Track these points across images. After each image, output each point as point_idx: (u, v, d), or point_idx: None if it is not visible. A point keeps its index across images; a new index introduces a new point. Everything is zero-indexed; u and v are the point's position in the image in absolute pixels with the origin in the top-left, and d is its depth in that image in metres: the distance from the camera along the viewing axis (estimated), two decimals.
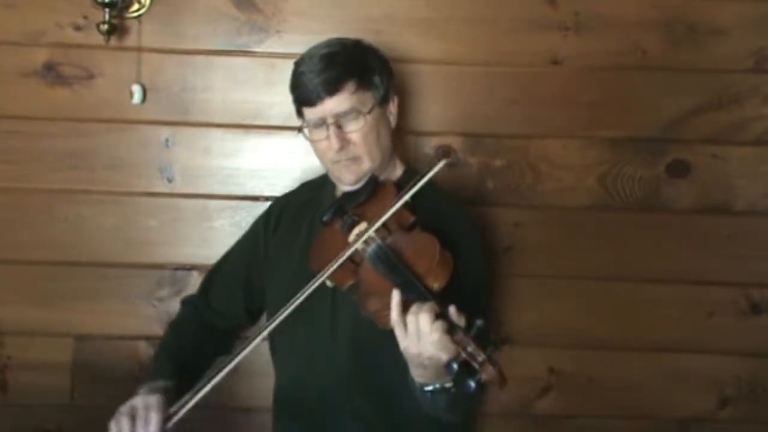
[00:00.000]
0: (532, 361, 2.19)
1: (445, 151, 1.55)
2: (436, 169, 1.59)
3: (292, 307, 1.57)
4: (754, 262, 2.17)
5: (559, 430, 2.22)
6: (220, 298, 1.92)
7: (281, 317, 1.57)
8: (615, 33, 2.11)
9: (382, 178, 1.74)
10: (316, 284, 1.56)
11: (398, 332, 1.42)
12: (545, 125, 2.14)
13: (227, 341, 1.93)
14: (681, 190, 2.16)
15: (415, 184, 1.58)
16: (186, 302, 1.96)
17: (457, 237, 1.62)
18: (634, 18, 2.11)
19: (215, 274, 1.95)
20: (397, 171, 1.81)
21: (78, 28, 2.09)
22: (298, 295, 1.57)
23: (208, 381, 1.57)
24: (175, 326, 1.93)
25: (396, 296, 1.43)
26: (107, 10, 2.00)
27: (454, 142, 2.14)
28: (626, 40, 2.11)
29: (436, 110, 2.14)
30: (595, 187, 2.15)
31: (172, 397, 1.64)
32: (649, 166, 2.15)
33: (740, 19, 2.11)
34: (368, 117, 1.69)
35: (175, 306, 2.13)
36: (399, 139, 2.09)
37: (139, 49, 2.09)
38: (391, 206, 1.56)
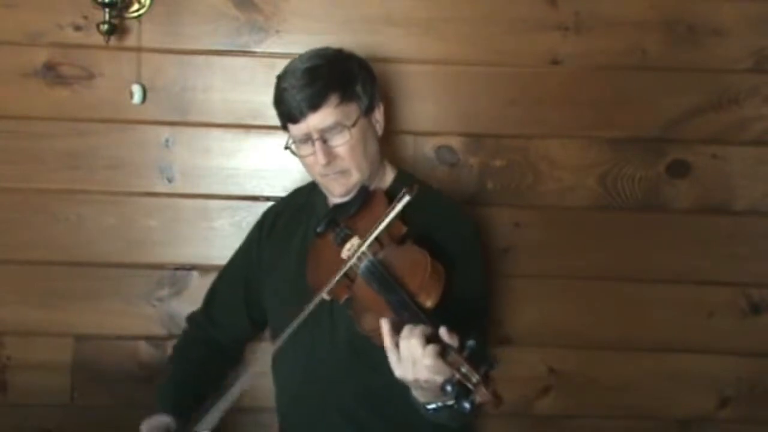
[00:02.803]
0: (532, 361, 2.19)
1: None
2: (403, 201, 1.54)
3: (291, 329, 1.57)
4: (754, 262, 2.17)
5: (559, 430, 2.22)
6: (222, 313, 1.92)
7: (279, 343, 1.57)
8: (615, 33, 2.11)
9: (372, 185, 1.73)
10: (315, 304, 1.56)
11: (392, 358, 1.40)
12: (545, 125, 2.14)
13: (233, 359, 1.93)
14: (681, 190, 2.16)
15: (401, 199, 1.54)
16: (191, 319, 1.96)
17: (455, 244, 1.61)
18: (634, 18, 2.11)
19: (216, 288, 1.95)
20: (388, 177, 1.79)
21: (78, 28, 2.09)
22: (300, 316, 1.56)
23: (212, 408, 1.59)
24: (180, 350, 1.93)
25: (386, 324, 1.40)
26: (107, 10, 2.00)
27: (454, 142, 2.14)
28: (626, 40, 2.11)
29: (436, 110, 2.14)
30: (595, 187, 2.15)
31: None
32: (649, 166, 2.15)
33: (740, 19, 2.11)
34: (353, 130, 1.67)
35: (175, 306, 2.15)
36: (397, 140, 2.09)
37: (139, 49, 2.09)
38: (382, 218, 1.54)
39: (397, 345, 1.38)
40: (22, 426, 2.17)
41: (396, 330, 1.40)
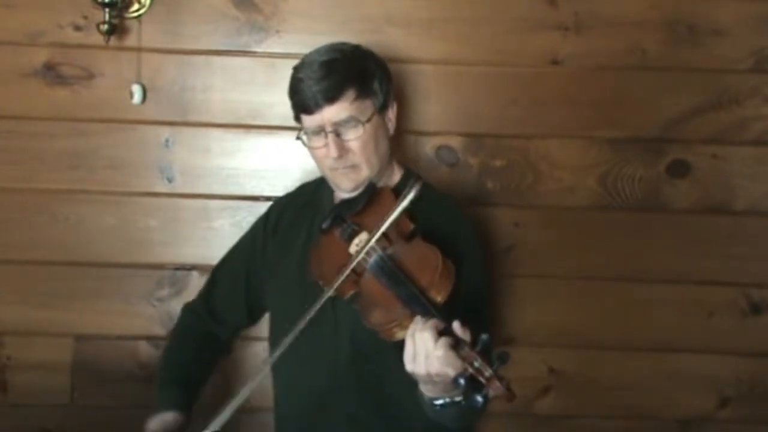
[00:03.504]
0: (532, 361, 2.19)
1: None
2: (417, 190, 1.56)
3: (299, 328, 1.56)
4: (754, 262, 2.17)
5: (559, 430, 2.22)
6: (221, 302, 1.91)
7: (288, 342, 1.57)
8: (615, 33, 2.11)
9: (380, 184, 1.74)
10: (322, 301, 1.56)
11: (408, 350, 1.40)
12: (545, 125, 2.14)
13: (227, 349, 1.94)
14: (681, 190, 2.16)
15: (410, 190, 1.55)
16: (187, 309, 1.96)
17: (458, 243, 1.61)
18: (634, 18, 2.11)
19: (216, 278, 1.95)
20: (395, 176, 1.80)
21: (78, 28, 2.09)
22: (309, 311, 1.56)
23: (218, 416, 1.60)
24: (177, 339, 1.92)
25: (420, 321, 1.40)
26: (107, 10, 2.00)
27: (454, 142, 2.14)
28: (626, 40, 2.11)
29: (436, 110, 2.14)
30: (595, 187, 2.15)
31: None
32: (649, 166, 2.15)
33: (740, 19, 2.11)
34: (367, 125, 1.67)
35: (175, 306, 2.14)
36: (398, 139, 2.09)
37: (139, 49, 2.09)
38: (390, 214, 1.55)
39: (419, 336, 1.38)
40: (22, 426, 2.17)
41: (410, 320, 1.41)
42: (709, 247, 2.17)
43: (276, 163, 2.14)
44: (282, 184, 2.11)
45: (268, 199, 2.09)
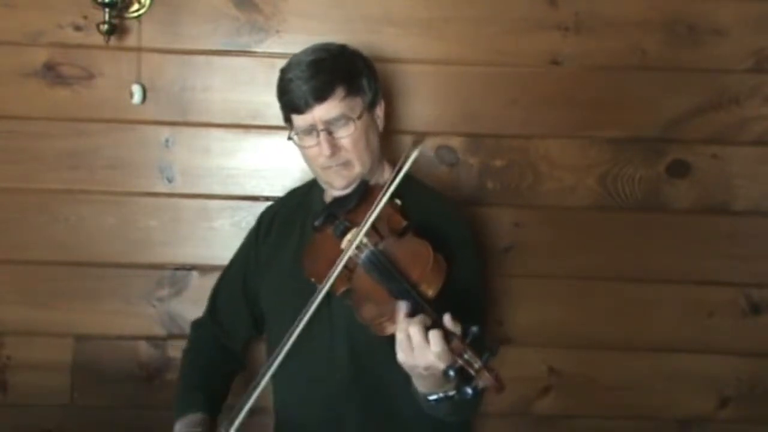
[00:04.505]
0: (532, 361, 2.19)
1: (416, 140, 1.57)
2: (411, 158, 1.57)
3: (299, 329, 1.57)
4: (754, 262, 2.17)
5: (559, 430, 2.22)
6: (226, 316, 1.92)
7: (291, 339, 1.58)
8: (615, 33, 2.11)
9: (372, 182, 1.74)
10: (319, 299, 1.56)
11: (399, 341, 1.40)
12: (545, 125, 2.14)
13: (241, 359, 1.94)
14: (681, 190, 2.16)
15: (394, 178, 1.56)
16: (196, 325, 1.96)
17: (451, 240, 1.61)
18: (634, 18, 2.11)
19: (218, 293, 1.95)
20: (386, 174, 1.79)
21: (78, 28, 2.09)
22: (302, 315, 1.57)
23: (239, 412, 1.61)
24: (191, 354, 1.92)
25: (403, 307, 1.40)
26: (107, 10, 2.00)
27: (454, 142, 2.14)
28: (626, 40, 2.11)
29: (436, 110, 2.14)
30: (595, 187, 2.15)
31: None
32: (649, 166, 2.15)
33: (740, 19, 2.11)
34: (358, 122, 1.68)
35: (175, 306, 2.15)
36: (394, 139, 2.09)
37: (139, 49, 2.09)
38: (378, 205, 1.55)
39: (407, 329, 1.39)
40: (22, 426, 2.17)
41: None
42: (709, 247, 2.17)
43: (276, 163, 2.13)
44: (282, 184, 2.11)
45: (267, 199, 2.09)
